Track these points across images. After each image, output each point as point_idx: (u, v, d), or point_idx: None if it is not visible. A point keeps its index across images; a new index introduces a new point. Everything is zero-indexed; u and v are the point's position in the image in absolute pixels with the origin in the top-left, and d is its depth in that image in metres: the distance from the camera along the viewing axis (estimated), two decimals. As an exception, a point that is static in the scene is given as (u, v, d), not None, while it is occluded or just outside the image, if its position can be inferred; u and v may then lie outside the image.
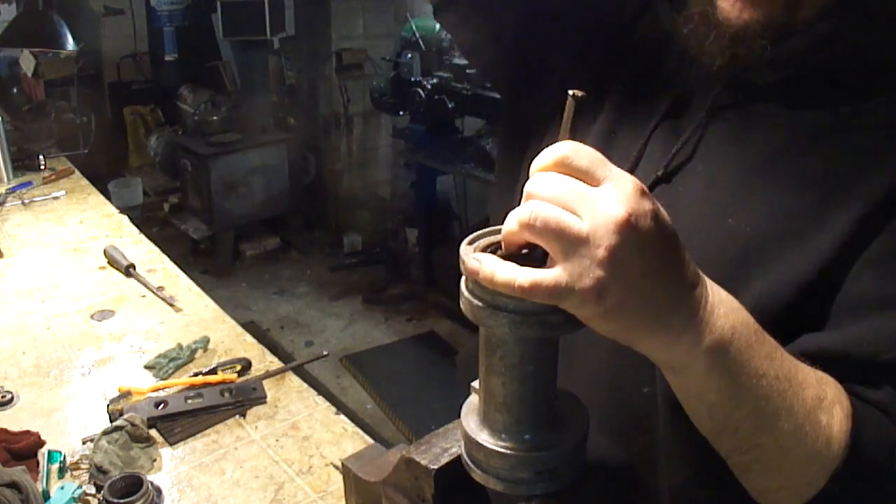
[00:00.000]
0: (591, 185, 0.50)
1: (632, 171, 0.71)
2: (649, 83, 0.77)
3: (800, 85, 0.67)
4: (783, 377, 0.55)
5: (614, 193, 0.49)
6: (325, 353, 1.88)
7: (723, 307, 0.54)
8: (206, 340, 1.60)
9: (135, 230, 2.24)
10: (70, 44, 2.31)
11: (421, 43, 3.43)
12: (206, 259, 4.45)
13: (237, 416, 1.37)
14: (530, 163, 0.52)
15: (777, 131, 0.67)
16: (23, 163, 2.75)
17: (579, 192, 0.49)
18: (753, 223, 0.65)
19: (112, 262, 1.98)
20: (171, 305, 1.77)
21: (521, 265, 0.51)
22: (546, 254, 0.51)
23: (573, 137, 0.53)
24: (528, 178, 0.52)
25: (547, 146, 0.52)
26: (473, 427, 0.61)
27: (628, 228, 0.48)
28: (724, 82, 0.69)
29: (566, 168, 0.51)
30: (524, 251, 0.53)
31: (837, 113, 0.65)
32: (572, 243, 0.48)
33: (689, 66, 0.73)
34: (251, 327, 3.35)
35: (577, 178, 0.51)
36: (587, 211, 0.49)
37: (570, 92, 0.54)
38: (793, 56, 0.65)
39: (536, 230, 0.49)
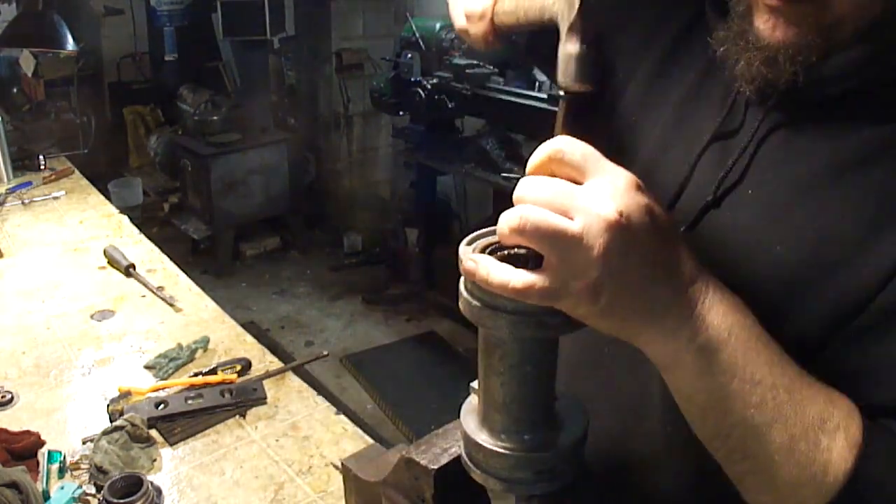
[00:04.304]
0: (585, 180, 0.50)
1: (678, 195, 0.69)
2: (701, 98, 0.72)
3: (854, 102, 0.62)
4: (782, 388, 0.53)
5: (607, 190, 0.49)
6: (325, 353, 1.87)
7: (722, 306, 0.53)
8: (206, 340, 1.60)
9: (135, 230, 2.24)
10: (70, 44, 2.31)
11: (421, 43, 3.43)
12: (206, 259, 4.45)
13: (237, 417, 1.37)
14: None
15: (828, 151, 0.62)
16: (23, 163, 2.75)
17: (569, 192, 0.49)
18: (799, 250, 0.61)
19: (112, 262, 1.98)
20: (171, 305, 1.77)
21: (520, 265, 0.51)
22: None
23: (570, 133, 0.53)
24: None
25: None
26: (473, 427, 0.61)
27: (619, 227, 0.48)
28: (773, 100, 0.65)
29: (559, 163, 0.51)
30: (524, 250, 0.53)
31: (887, 132, 0.60)
32: (565, 245, 0.48)
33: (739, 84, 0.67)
34: (251, 327, 3.35)
35: (570, 173, 0.51)
36: (579, 210, 0.48)
37: (562, 92, 0.55)
38: (846, 72, 0.60)
39: (527, 235, 0.49)
